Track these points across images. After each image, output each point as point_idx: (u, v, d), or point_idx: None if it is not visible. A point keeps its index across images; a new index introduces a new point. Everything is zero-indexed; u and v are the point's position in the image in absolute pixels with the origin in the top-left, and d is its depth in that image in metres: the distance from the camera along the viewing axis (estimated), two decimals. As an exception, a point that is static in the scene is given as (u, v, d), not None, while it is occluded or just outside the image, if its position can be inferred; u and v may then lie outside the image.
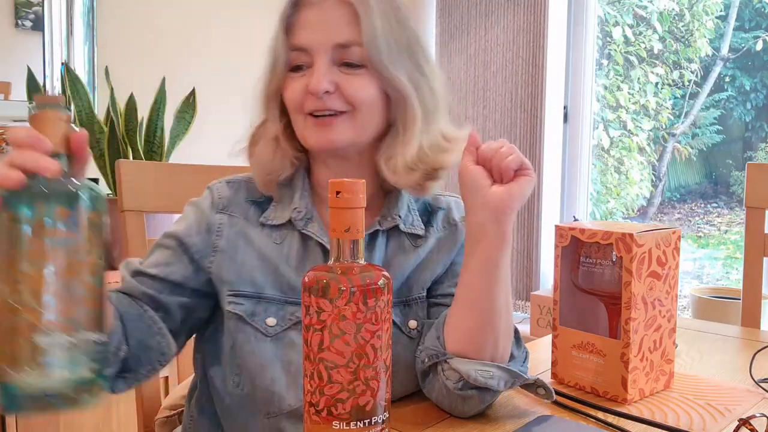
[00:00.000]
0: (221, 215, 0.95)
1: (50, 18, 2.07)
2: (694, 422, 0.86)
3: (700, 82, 2.53)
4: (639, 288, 0.91)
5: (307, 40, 0.89)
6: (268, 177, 0.95)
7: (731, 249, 2.57)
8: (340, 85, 0.88)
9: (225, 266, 0.93)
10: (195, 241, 0.94)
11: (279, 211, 0.95)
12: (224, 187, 0.98)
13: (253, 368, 0.90)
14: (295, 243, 0.93)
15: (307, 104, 0.89)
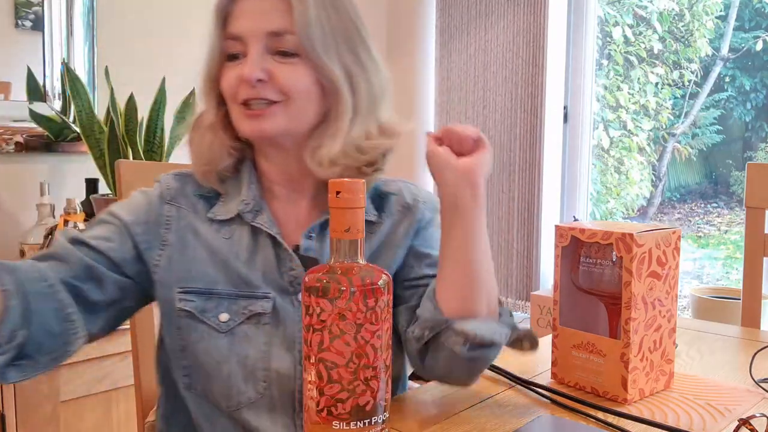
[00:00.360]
0: (169, 206, 0.94)
1: (50, 18, 2.07)
2: (694, 422, 0.86)
3: (700, 82, 2.53)
4: (639, 288, 0.91)
5: (240, 28, 0.88)
6: (206, 167, 0.94)
7: (731, 249, 2.57)
8: (274, 74, 0.87)
9: (175, 262, 0.91)
10: (141, 230, 0.92)
11: (227, 206, 0.94)
12: (172, 179, 0.97)
13: (209, 366, 0.90)
14: (245, 237, 0.93)
15: (242, 93, 0.88)
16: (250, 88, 0.87)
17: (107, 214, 0.94)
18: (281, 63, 0.88)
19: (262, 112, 0.88)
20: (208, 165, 0.94)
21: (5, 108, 2.01)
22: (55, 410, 1.64)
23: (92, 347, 1.66)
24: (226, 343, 0.89)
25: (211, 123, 0.94)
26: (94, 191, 1.99)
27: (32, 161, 2.08)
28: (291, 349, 0.90)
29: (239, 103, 0.89)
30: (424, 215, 1.00)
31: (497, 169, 2.68)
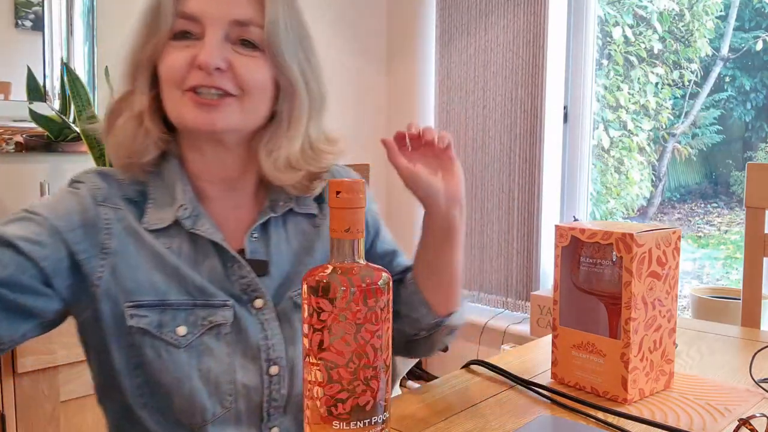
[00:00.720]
0: (104, 208, 0.83)
1: (50, 18, 2.07)
2: (694, 422, 0.86)
3: (700, 82, 2.53)
4: (639, 288, 0.91)
5: (200, 9, 0.81)
6: (128, 161, 0.85)
7: (731, 249, 2.57)
8: (234, 65, 0.81)
9: (120, 272, 0.81)
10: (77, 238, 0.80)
11: (160, 212, 0.85)
12: (97, 178, 0.85)
13: (168, 383, 0.81)
14: (185, 245, 0.85)
15: (192, 78, 0.80)
16: (205, 75, 0.79)
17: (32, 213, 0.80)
18: (242, 54, 0.82)
19: (215, 102, 0.81)
20: (130, 158, 0.84)
21: (5, 108, 2.01)
22: (55, 410, 1.64)
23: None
24: (185, 358, 0.82)
25: (140, 110, 0.84)
26: (94, 191, 1.99)
27: (32, 161, 2.08)
28: (256, 358, 0.85)
29: (185, 90, 0.81)
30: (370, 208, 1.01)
31: (497, 169, 2.68)
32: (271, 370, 0.86)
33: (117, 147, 0.85)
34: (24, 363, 1.57)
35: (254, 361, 0.85)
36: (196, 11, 0.81)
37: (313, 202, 0.96)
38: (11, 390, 1.57)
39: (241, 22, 0.82)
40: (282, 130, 0.87)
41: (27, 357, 1.57)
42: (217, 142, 0.86)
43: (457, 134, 2.80)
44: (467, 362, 1.08)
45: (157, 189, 0.86)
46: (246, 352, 0.85)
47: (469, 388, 0.99)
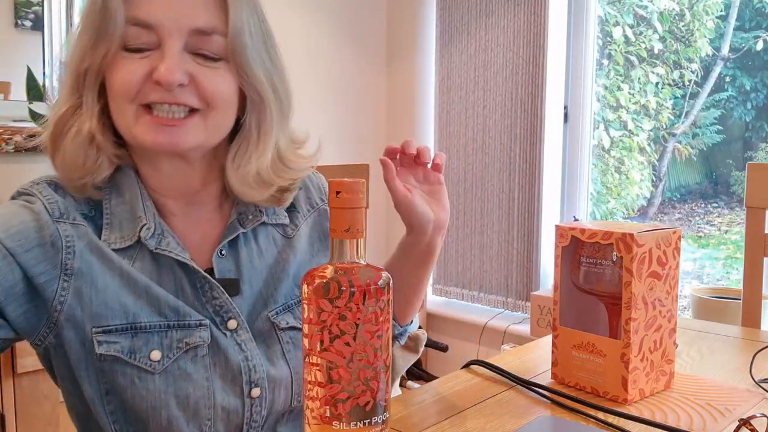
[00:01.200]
0: (63, 225, 0.75)
1: (50, 18, 2.07)
2: (695, 422, 0.86)
3: (700, 82, 2.53)
4: (639, 288, 0.91)
5: (156, 16, 0.72)
6: (81, 181, 0.77)
7: (731, 249, 2.57)
8: (196, 77, 0.74)
9: (85, 294, 0.74)
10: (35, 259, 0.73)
11: (121, 230, 0.78)
12: (49, 191, 0.77)
13: (143, 412, 0.75)
14: (147, 264, 0.78)
15: (149, 94, 0.73)
16: (165, 91, 0.72)
17: None
18: (204, 66, 0.75)
19: (178, 122, 0.74)
20: (82, 178, 0.77)
21: (5, 108, 2.01)
22: (55, 410, 1.64)
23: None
24: (161, 385, 0.76)
25: (90, 128, 0.75)
26: (94, 191, 1.99)
27: (32, 161, 2.08)
28: (236, 381, 0.80)
29: (138, 105, 0.74)
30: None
31: (497, 169, 2.67)
32: (253, 392, 0.81)
33: (67, 168, 0.76)
34: (24, 363, 1.57)
35: (234, 384, 0.80)
36: (151, 19, 0.72)
37: (282, 211, 0.89)
38: (11, 390, 1.57)
39: (203, 30, 0.74)
40: (251, 144, 0.81)
41: (27, 357, 1.57)
42: (177, 157, 0.79)
43: (457, 134, 2.80)
44: (467, 362, 1.08)
45: (113, 204, 0.79)
46: (225, 375, 0.80)
47: (469, 388, 0.98)
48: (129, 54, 0.73)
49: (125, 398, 0.76)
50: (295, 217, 0.91)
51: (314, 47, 2.78)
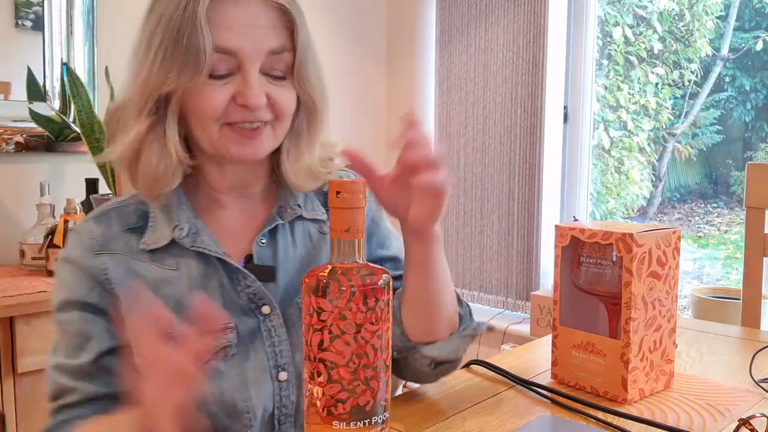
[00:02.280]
0: (100, 258, 0.84)
1: (50, 18, 2.07)
2: (694, 422, 0.86)
3: (700, 82, 2.53)
4: (639, 288, 0.91)
5: (237, 43, 0.79)
6: (160, 191, 0.85)
7: (731, 249, 2.57)
8: (272, 97, 0.83)
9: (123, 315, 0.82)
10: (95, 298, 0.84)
11: (159, 231, 0.86)
12: (93, 226, 0.87)
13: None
14: (193, 264, 0.86)
15: (233, 115, 0.81)
16: (247, 111, 0.81)
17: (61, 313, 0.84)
18: (274, 84, 0.83)
19: (255, 134, 0.83)
20: (160, 189, 0.85)
21: (5, 108, 2.01)
22: (55, 410, 1.64)
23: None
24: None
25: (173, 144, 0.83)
26: (94, 191, 1.99)
27: (32, 161, 2.08)
28: (265, 367, 0.86)
29: (222, 123, 0.82)
30: (371, 208, 0.97)
31: (497, 169, 2.68)
32: (280, 375, 0.87)
33: (148, 182, 0.84)
34: (24, 363, 1.57)
35: (263, 370, 0.86)
36: (233, 46, 0.79)
37: (321, 207, 0.96)
38: (11, 390, 1.57)
39: (276, 51, 0.82)
40: (302, 142, 0.90)
41: (27, 357, 1.57)
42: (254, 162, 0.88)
43: (457, 134, 2.80)
44: (467, 362, 1.08)
45: (157, 209, 0.87)
46: (255, 365, 0.86)
47: (469, 388, 0.99)
48: (212, 80, 0.80)
49: None
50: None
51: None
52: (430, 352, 0.88)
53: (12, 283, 1.71)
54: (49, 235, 1.79)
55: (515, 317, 2.68)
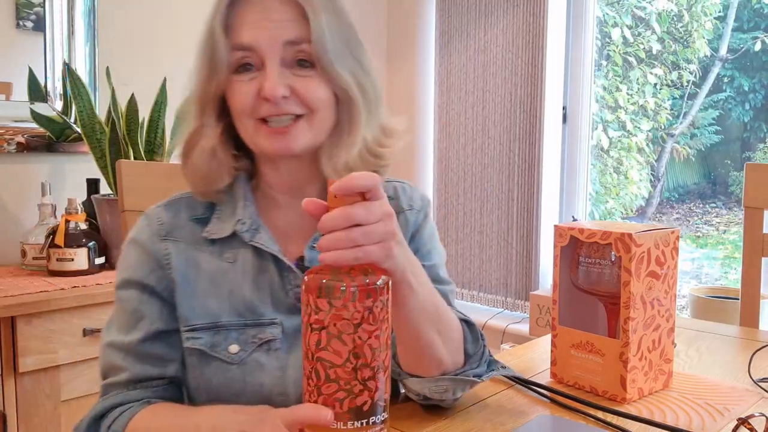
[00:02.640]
0: (165, 243, 0.90)
1: (51, 18, 2.07)
2: (693, 421, 0.87)
3: (698, 82, 2.54)
4: (638, 288, 0.91)
5: (252, 38, 0.83)
6: (207, 188, 0.91)
7: (730, 249, 2.57)
8: (295, 88, 0.84)
9: (181, 301, 0.89)
10: (154, 280, 0.89)
11: (222, 223, 0.91)
12: (162, 212, 0.93)
13: (226, 399, 0.87)
14: (249, 258, 0.90)
15: (261, 110, 0.84)
16: (272, 104, 0.83)
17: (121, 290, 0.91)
18: (300, 76, 0.85)
19: (286, 129, 0.85)
20: (207, 186, 0.91)
21: (7, 108, 2.01)
22: (56, 409, 1.64)
23: (93, 347, 1.67)
24: (239, 374, 0.87)
25: (212, 144, 0.89)
26: (96, 191, 1.99)
27: (33, 161, 2.08)
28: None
29: (256, 119, 0.85)
30: (417, 219, 0.99)
31: (496, 169, 2.68)
32: None
33: (193, 178, 0.91)
34: (25, 362, 1.57)
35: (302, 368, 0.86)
36: (249, 41, 0.84)
37: None
38: (12, 389, 1.57)
39: (293, 41, 0.84)
40: (342, 138, 0.89)
41: (28, 356, 1.57)
42: (294, 158, 0.89)
43: (457, 134, 2.80)
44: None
45: (223, 203, 0.93)
46: (295, 362, 0.88)
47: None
48: (239, 77, 0.85)
49: (212, 388, 0.88)
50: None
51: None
52: (413, 386, 0.87)
53: (13, 282, 1.72)
54: (51, 235, 1.80)
55: (514, 317, 2.69)
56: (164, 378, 0.90)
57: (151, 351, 0.89)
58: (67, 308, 1.62)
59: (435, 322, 0.81)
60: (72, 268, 1.78)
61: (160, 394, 0.89)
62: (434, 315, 0.80)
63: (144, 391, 0.88)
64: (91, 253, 1.81)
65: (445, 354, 0.84)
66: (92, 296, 1.65)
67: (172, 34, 2.35)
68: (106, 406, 0.87)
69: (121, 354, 0.89)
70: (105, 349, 0.91)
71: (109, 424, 0.84)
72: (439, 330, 0.82)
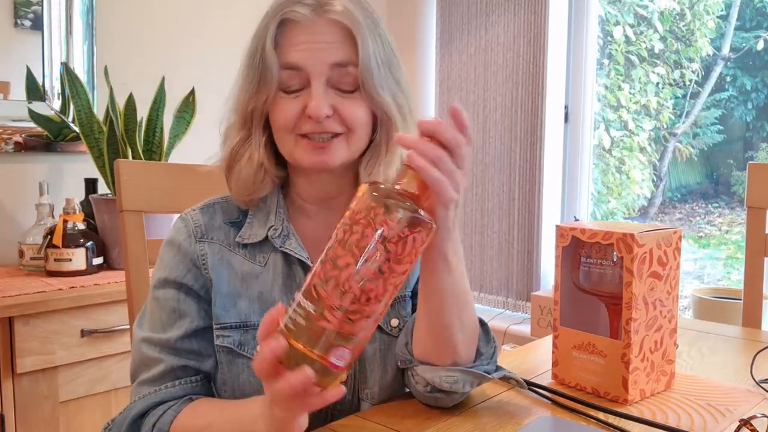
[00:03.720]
0: (201, 245, 0.95)
1: (49, 17, 2.07)
2: (695, 423, 0.86)
3: (701, 81, 2.53)
4: (640, 288, 0.91)
5: (302, 59, 0.87)
6: (250, 197, 0.95)
7: (732, 249, 2.56)
8: (338, 108, 0.88)
9: (215, 300, 0.93)
10: (191, 280, 0.93)
11: (255, 229, 0.95)
12: (198, 215, 0.97)
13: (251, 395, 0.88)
14: (279, 263, 0.94)
15: (304, 127, 0.88)
16: (315, 122, 0.87)
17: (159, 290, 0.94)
18: (343, 97, 0.89)
19: (326, 145, 0.89)
20: (252, 195, 0.95)
21: (4, 107, 2.01)
22: (55, 411, 1.63)
23: (91, 348, 1.66)
24: None
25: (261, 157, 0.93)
26: (94, 191, 1.99)
27: (31, 161, 2.08)
28: None
29: (298, 134, 0.89)
30: None
31: (498, 169, 2.67)
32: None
33: (239, 187, 0.94)
34: (23, 363, 1.56)
35: None
36: (299, 61, 0.87)
37: None
38: (11, 390, 1.57)
39: (340, 64, 0.88)
40: (380, 156, 0.93)
41: (26, 357, 1.57)
42: (328, 173, 0.93)
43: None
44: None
45: (259, 210, 0.97)
46: None
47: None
48: (285, 95, 0.89)
49: (239, 385, 0.92)
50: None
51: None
52: (425, 373, 0.87)
53: (11, 283, 1.71)
54: (48, 235, 1.79)
55: (516, 318, 2.68)
56: (201, 372, 0.93)
57: (190, 347, 0.92)
58: (65, 309, 1.62)
59: (460, 309, 0.84)
60: (70, 269, 1.77)
61: (199, 390, 0.92)
62: (461, 301, 0.84)
63: (184, 387, 0.90)
64: (89, 254, 1.81)
65: (461, 343, 0.86)
66: (90, 297, 1.64)
67: (170, 33, 2.35)
68: (148, 404, 0.89)
69: (157, 348, 0.91)
70: (140, 344, 0.93)
71: (154, 422, 0.86)
72: (461, 318, 0.84)
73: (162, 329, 0.92)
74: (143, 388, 0.91)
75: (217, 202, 0.99)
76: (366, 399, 0.94)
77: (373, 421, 0.88)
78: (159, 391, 0.89)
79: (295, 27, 0.88)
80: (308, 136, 0.89)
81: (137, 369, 0.93)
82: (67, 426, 1.66)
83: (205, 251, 0.94)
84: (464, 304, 0.85)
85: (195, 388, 0.92)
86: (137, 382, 0.92)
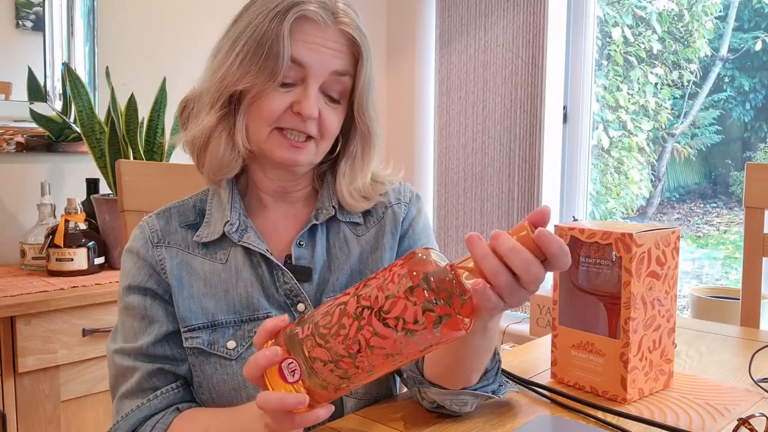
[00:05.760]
0: (158, 250, 0.94)
1: (51, 18, 2.07)
2: (694, 422, 0.86)
3: (699, 82, 2.54)
4: (638, 288, 0.91)
5: (310, 58, 0.88)
6: (222, 176, 0.95)
7: (730, 249, 2.57)
8: (322, 114, 0.90)
9: (178, 304, 0.92)
10: (154, 284, 0.93)
11: (212, 227, 0.95)
12: (155, 220, 0.97)
13: (226, 394, 0.91)
14: (240, 257, 0.94)
15: (286, 121, 0.89)
16: (300, 121, 0.89)
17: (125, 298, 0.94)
18: (327, 104, 0.91)
19: (302, 145, 0.90)
20: (223, 174, 0.94)
21: (6, 108, 2.01)
22: (56, 410, 1.64)
23: (93, 347, 1.67)
24: (238, 369, 0.90)
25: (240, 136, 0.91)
26: (95, 191, 1.99)
27: (33, 161, 2.08)
28: None
29: (275, 128, 0.90)
30: (408, 212, 1.03)
31: (497, 169, 2.68)
32: None
33: (213, 166, 0.93)
34: (25, 363, 1.57)
35: None
36: (306, 59, 0.87)
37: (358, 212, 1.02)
38: (12, 389, 1.57)
39: (339, 72, 0.90)
40: (356, 166, 0.98)
41: (28, 357, 1.57)
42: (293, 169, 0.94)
43: (457, 134, 2.80)
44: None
45: (213, 207, 0.97)
46: None
47: (469, 387, 0.98)
48: (279, 87, 0.88)
49: (213, 385, 0.91)
50: (369, 219, 1.01)
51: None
52: (434, 396, 0.85)
53: (12, 282, 1.72)
54: (50, 235, 1.79)
55: (514, 317, 2.69)
56: (179, 378, 0.92)
57: (163, 352, 0.92)
58: (67, 308, 1.62)
59: (483, 356, 0.82)
60: (71, 268, 1.78)
61: (181, 397, 0.92)
62: (487, 353, 0.82)
63: (166, 396, 0.90)
64: (90, 253, 1.81)
65: (475, 376, 0.85)
66: (92, 296, 1.65)
67: (171, 33, 2.35)
68: (133, 423, 0.88)
69: (131, 357, 0.91)
70: (113, 357, 0.93)
71: None
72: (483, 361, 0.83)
73: (134, 337, 0.92)
74: (125, 404, 0.90)
75: (173, 207, 0.99)
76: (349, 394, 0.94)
77: (372, 419, 0.88)
78: (142, 406, 0.89)
79: (309, 25, 0.88)
80: (285, 132, 0.90)
81: (116, 382, 0.92)
82: (68, 425, 1.67)
83: (163, 256, 0.94)
84: (488, 351, 0.82)
85: (177, 395, 0.91)
86: (118, 397, 0.91)
